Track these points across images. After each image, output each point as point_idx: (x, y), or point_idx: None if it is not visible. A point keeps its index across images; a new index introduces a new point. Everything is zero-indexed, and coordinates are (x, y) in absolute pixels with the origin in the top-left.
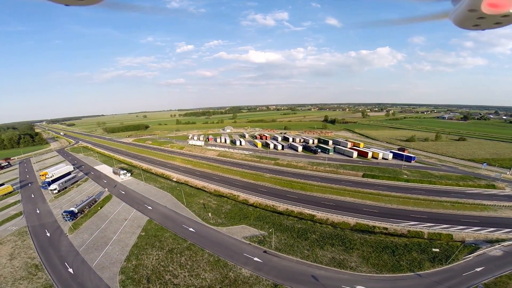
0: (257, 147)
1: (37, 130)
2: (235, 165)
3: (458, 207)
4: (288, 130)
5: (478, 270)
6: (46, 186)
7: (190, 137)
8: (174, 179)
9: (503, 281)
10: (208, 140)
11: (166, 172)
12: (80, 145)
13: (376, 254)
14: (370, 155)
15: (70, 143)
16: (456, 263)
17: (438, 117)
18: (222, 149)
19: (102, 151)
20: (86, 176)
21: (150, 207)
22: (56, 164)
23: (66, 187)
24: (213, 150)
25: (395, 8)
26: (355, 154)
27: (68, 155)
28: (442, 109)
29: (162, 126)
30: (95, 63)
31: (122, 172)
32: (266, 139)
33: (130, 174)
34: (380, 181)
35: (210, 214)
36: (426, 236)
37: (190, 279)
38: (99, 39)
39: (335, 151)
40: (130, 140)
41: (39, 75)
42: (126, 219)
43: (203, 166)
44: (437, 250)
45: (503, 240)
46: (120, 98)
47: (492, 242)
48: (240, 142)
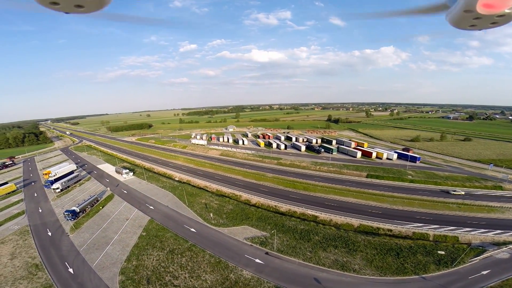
0: (259, 146)
1: (42, 129)
2: (238, 164)
3: (464, 208)
4: (291, 129)
5: (484, 273)
6: (49, 185)
7: (193, 136)
8: (177, 179)
9: (510, 284)
10: (211, 139)
11: (169, 172)
12: (83, 144)
13: (380, 257)
14: (374, 155)
15: (74, 142)
16: (462, 266)
17: (443, 117)
18: (225, 148)
19: (105, 150)
20: (89, 175)
21: (151, 207)
22: (60, 163)
23: (68, 186)
24: (215, 149)
25: (397, 5)
26: (359, 154)
27: (72, 154)
28: (447, 109)
29: (165, 125)
30: (99, 63)
31: (124, 171)
32: (269, 138)
33: (132, 173)
34: (384, 181)
35: (211, 215)
36: (431, 238)
37: (191, 280)
38: (103, 39)
39: (339, 151)
40: (134, 139)
41: (44, 75)
42: (128, 219)
43: (205, 165)
44: (442, 252)
45: (511, 243)
46: (124, 97)
47: (499, 244)
48: (243, 141)
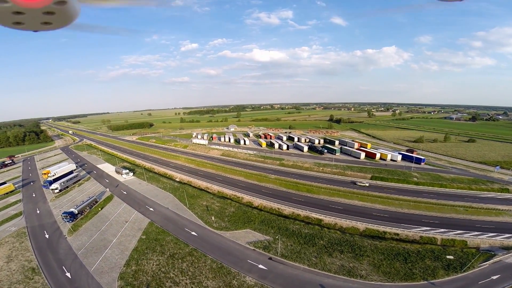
0: (261, 146)
1: (43, 128)
2: (239, 165)
3: (472, 212)
4: (293, 129)
5: (494, 278)
6: (48, 185)
7: (194, 135)
8: (177, 179)
9: None
10: (212, 139)
11: (169, 172)
12: (84, 143)
13: (387, 262)
14: (378, 156)
15: (74, 141)
16: (471, 271)
17: (445, 117)
18: (226, 148)
19: (105, 149)
20: (88, 175)
21: (151, 209)
22: (59, 162)
23: (67, 187)
24: (217, 149)
25: (399, 5)
26: (363, 155)
27: (72, 153)
28: (449, 109)
29: (167, 124)
30: (101, 62)
31: (124, 171)
32: (271, 138)
33: (132, 174)
34: (389, 183)
35: (213, 218)
36: (439, 243)
37: (192, 287)
38: (104, 38)
39: (342, 151)
40: (134, 138)
41: (46, 73)
42: (127, 221)
43: (206, 166)
44: (451, 257)
45: None
46: (125, 96)
47: (508, 248)
48: (244, 141)
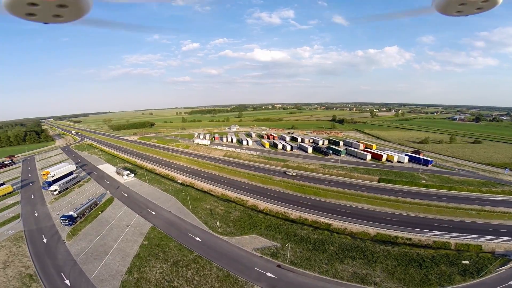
0: (264, 147)
1: (44, 127)
2: (242, 166)
3: (484, 215)
4: (296, 129)
5: None
6: (47, 186)
7: (195, 135)
8: (179, 181)
9: None
10: (214, 139)
11: (171, 173)
12: (85, 142)
13: (401, 268)
14: (384, 158)
15: (75, 140)
16: (488, 276)
17: (448, 118)
18: (229, 149)
19: (106, 149)
20: (89, 176)
21: (153, 212)
22: (59, 162)
23: (67, 188)
24: (219, 150)
25: (401, 5)
26: (369, 157)
27: (72, 153)
28: (451, 109)
29: (168, 124)
30: (102, 61)
31: (125, 172)
32: (274, 139)
33: (133, 175)
34: (397, 186)
35: (218, 223)
36: (453, 247)
37: None
38: (106, 37)
39: (347, 153)
40: (136, 138)
41: (47, 72)
42: (128, 225)
43: (209, 167)
44: (467, 262)
45: None
46: (127, 95)
47: None
48: (247, 141)
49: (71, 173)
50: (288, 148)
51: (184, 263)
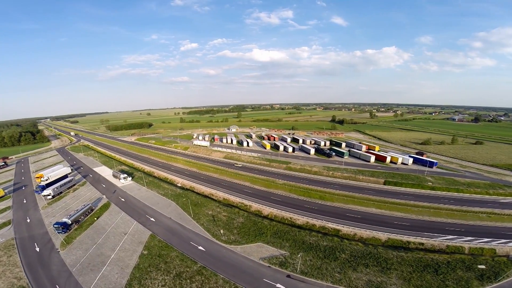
0: (265, 148)
1: (40, 127)
2: (244, 169)
3: (495, 218)
4: (296, 130)
5: None
6: (40, 190)
7: (194, 136)
8: (179, 184)
9: None
10: (214, 140)
11: (170, 176)
12: (81, 143)
13: (417, 274)
14: (388, 159)
15: (71, 141)
16: (506, 281)
17: (447, 118)
18: (229, 150)
19: (103, 150)
20: (84, 179)
21: (152, 219)
22: (54, 165)
23: (61, 192)
24: (219, 151)
25: (401, 5)
26: (373, 159)
27: (68, 154)
28: (449, 110)
29: (166, 125)
30: (101, 61)
31: (122, 175)
32: (275, 140)
33: (131, 178)
34: (404, 189)
35: (222, 231)
36: (467, 251)
37: None
38: (105, 37)
39: (350, 154)
40: (133, 139)
41: (45, 72)
42: (126, 233)
43: (209, 169)
44: (483, 266)
45: None
46: (125, 95)
47: None
48: (247, 143)
49: (65, 176)
50: (290, 149)
51: (187, 274)
